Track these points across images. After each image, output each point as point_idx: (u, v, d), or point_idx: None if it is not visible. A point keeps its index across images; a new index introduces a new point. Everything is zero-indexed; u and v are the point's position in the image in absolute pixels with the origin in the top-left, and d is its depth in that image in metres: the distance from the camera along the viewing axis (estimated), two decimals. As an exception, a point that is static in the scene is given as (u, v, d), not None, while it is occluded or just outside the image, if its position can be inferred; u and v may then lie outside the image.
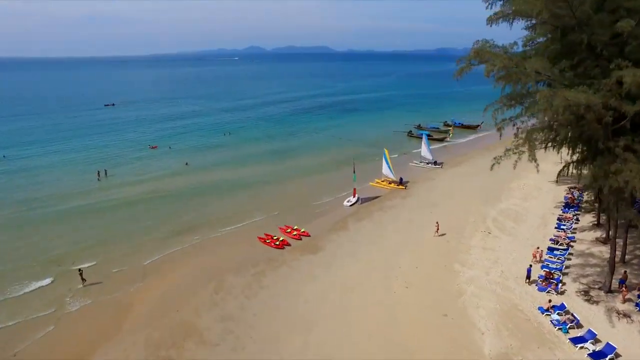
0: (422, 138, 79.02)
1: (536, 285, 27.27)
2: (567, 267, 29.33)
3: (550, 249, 32.10)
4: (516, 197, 44.40)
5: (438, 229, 35.87)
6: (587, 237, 34.15)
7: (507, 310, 24.95)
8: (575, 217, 37.97)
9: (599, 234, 34.26)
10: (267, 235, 36.45)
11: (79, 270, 30.05)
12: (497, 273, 29.36)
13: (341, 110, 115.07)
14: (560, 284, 26.98)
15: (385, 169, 49.86)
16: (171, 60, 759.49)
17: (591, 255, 31.08)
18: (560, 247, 32.48)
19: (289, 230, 37.48)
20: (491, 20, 24.64)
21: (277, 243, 34.83)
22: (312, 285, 29.15)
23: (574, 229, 35.83)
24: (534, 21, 26.06)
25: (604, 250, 30.87)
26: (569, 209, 40.21)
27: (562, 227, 36.24)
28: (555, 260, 30.38)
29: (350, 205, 44.02)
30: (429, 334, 23.45)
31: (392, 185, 49.95)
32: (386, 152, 49.95)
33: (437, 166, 58.08)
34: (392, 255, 32.54)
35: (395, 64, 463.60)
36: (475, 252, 32.65)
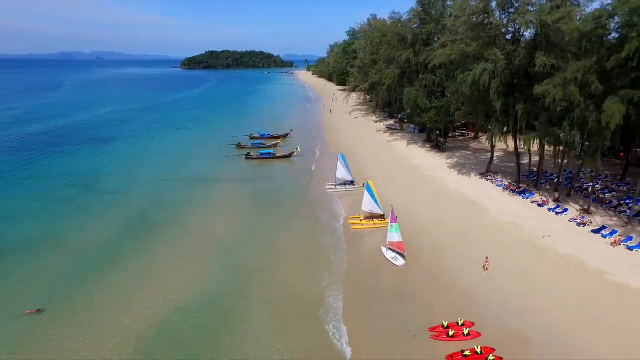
0: (263, 158, 69.47)
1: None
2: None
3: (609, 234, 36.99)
4: (482, 198, 47.08)
5: (488, 263, 32.62)
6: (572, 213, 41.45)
7: None
8: (545, 200, 44.77)
9: (577, 210, 42.43)
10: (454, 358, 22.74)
11: None
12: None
13: (97, 141, 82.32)
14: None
15: (369, 204, 40.97)
16: None
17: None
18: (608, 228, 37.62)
19: (451, 332, 24.79)
20: None
21: (491, 361, 22.35)
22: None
23: (565, 209, 42.32)
24: None
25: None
26: (524, 194, 46.86)
27: (566, 211, 41.71)
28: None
29: (404, 264, 33.86)
30: None
31: (377, 221, 41.76)
32: (370, 183, 41.12)
33: (358, 185, 52.56)
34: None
35: (44, 72, 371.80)
36: (591, 259, 33.08)
